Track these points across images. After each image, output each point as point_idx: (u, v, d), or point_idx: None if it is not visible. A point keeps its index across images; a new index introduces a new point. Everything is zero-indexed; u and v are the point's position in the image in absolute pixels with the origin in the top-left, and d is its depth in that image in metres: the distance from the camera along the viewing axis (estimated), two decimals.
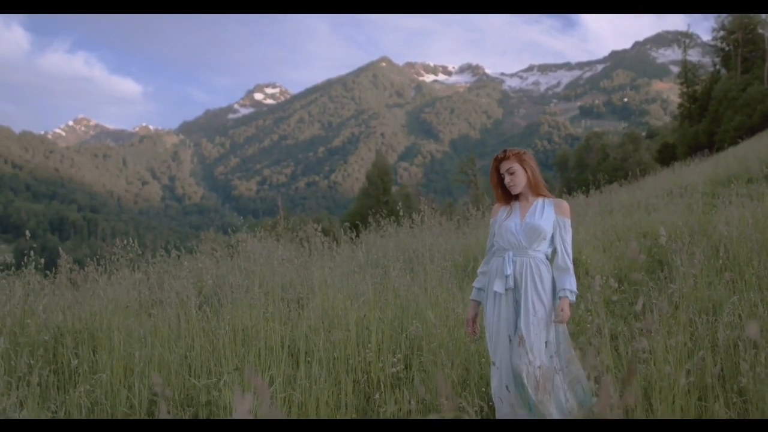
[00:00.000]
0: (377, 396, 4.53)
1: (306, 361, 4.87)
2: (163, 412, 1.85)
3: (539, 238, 3.97)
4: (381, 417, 4.25)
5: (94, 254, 7.61)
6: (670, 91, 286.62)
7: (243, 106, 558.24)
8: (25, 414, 3.52)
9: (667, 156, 52.00)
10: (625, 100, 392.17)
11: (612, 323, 5.47)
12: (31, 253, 5.97)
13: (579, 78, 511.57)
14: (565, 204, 4.09)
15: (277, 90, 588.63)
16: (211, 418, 4.21)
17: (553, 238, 4.05)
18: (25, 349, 4.59)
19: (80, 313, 5.42)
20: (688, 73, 62.36)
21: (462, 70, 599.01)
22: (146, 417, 4.33)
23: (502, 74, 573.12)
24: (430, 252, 8.67)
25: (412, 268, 7.45)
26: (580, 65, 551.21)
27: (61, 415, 4.10)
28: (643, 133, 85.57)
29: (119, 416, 4.23)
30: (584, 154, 69.80)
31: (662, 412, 3.35)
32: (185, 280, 6.16)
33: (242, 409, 1.39)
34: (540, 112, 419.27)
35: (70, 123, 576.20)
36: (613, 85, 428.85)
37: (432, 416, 1.72)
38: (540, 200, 4.11)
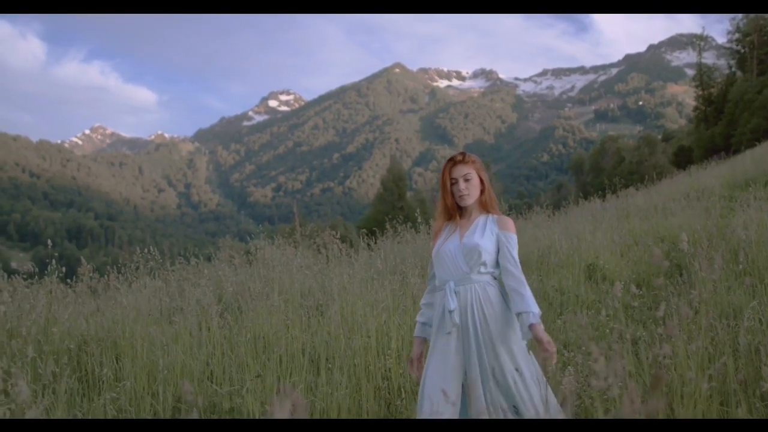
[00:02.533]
0: (399, 402, 4.55)
1: (327, 368, 4.90)
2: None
3: (480, 259, 3.44)
4: None
5: (113, 262, 7.67)
6: (686, 94, 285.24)
7: (257, 113, 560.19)
8: None
9: (683, 159, 51.79)
10: (640, 103, 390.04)
11: (631, 328, 5.46)
12: (53, 261, 6.04)
13: (593, 82, 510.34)
14: (509, 220, 3.58)
15: (291, 97, 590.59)
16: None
17: (498, 257, 3.50)
18: (49, 357, 4.64)
19: (103, 321, 5.48)
20: (703, 75, 62.04)
21: (476, 75, 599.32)
22: None
23: (516, 79, 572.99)
24: None
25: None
26: (595, 69, 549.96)
27: None
28: (659, 137, 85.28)
29: None
30: (600, 158, 69.53)
31: (684, 417, 3.35)
32: (205, 288, 6.21)
33: (281, 416, 1.41)
34: (554, 116, 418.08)
35: (87, 132, 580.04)
36: (627, 89, 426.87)
37: None
38: (483, 217, 3.62)
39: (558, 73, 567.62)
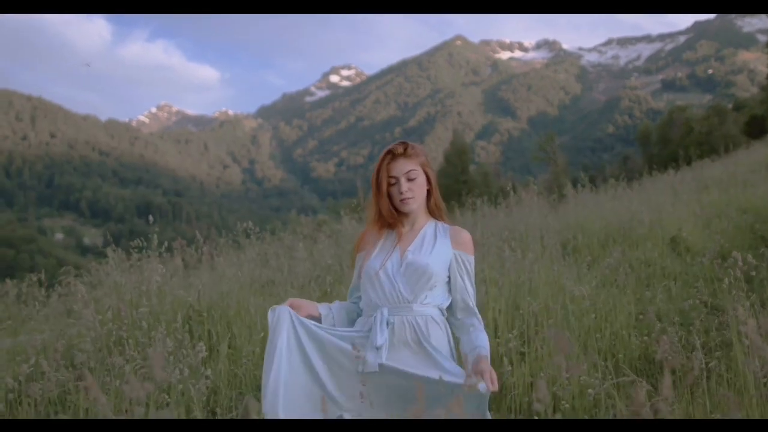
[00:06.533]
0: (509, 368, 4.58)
1: None
2: None
3: (428, 284, 2.65)
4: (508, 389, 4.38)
5: (205, 237, 7.97)
6: (758, 61, 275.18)
7: (319, 88, 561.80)
8: (187, 388, 3.79)
9: (755, 129, 50.24)
10: (710, 71, 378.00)
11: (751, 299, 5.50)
12: (155, 237, 6.33)
13: (660, 50, 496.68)
14: (466, 235, 2.80)
15: (352, 72, 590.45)
16: None
17: (449, 283, 2.74)
18: (169, 326, 4.90)
19: (211, 292, 5.75)
20: None
21: (538, 46, 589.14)
22: None
23: (580, 49, 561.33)
24: (527, 230, 8.72)
25: (522, 247, 7.55)
26: (661, 37, 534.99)
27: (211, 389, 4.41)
28: (729, 106, 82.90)
29: None
30: (667, 129, 67.83)
31: None
32: (305, 261, 6.45)
33: None
34: (620, 86, 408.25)
35: (153, 110, 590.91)
36: (696, 57, 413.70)
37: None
38: (431, 225, 2.83)
39: (623, 42, 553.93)
